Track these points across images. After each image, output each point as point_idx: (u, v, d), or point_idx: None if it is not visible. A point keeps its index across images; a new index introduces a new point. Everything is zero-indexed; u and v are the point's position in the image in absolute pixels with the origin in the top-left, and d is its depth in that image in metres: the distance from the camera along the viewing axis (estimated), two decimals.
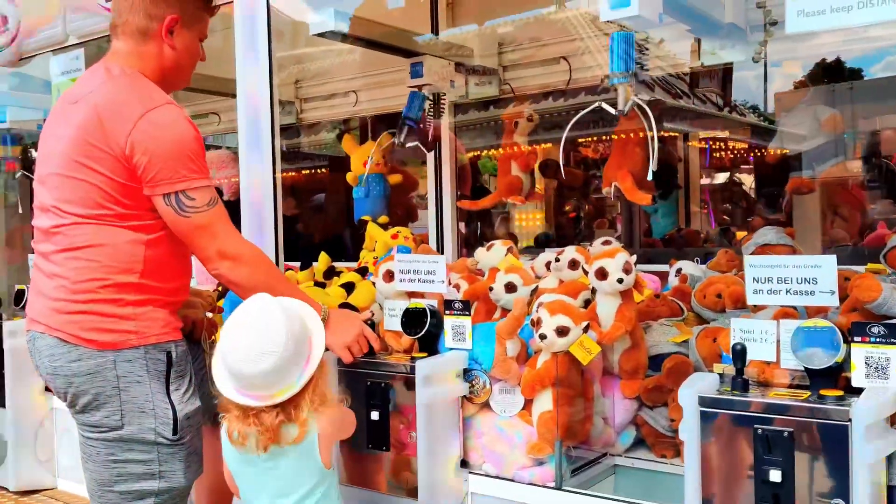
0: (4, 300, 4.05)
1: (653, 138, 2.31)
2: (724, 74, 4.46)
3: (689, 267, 3.16)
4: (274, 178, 2.89)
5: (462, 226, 5.72)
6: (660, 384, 2.52)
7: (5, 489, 3.80)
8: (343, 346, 2.32)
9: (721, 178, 8.14)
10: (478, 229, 6.21)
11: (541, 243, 6.01)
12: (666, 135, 6.34)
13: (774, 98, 4.63)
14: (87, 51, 3.63)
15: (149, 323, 2.13)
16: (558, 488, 2.35)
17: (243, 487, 2.04)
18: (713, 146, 7.39)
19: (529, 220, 8.20)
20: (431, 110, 3.99)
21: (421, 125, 3.92)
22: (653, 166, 2.34)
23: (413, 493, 2.36)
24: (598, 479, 2.55)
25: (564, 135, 2.53)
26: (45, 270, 2.18)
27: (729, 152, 7.56)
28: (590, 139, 6.25)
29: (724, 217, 7.71)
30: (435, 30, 4.02)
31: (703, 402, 1.89)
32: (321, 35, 3.44)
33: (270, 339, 1.88)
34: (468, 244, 4.73)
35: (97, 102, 2.10)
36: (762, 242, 2.86)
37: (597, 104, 2.38)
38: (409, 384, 2.37)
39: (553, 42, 4.31)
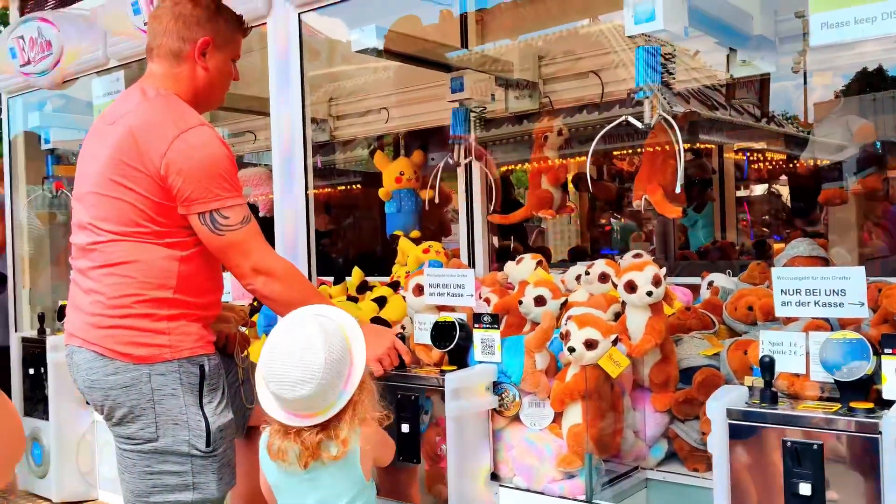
0: (48, 315, 4.16)
1: (679, 151, 2.31)
2: (761, 85, 4.43)
3: (721, 279, 3.14)
4: (307, 196, 2.95)
5: (496, 239, 5.75)
6: (690, 397, 2.51)
7: (49, 500, 3.89)
8: (374, 359, 2.35)
9: (759, 189, 8.05)
10: (511, 243, 6.23)
11: (575, 256, 6.01)
12: (701, 147, 6.30)
13: (814, 108, 4.60)
14: (127, 73, 3.74)
15: (182, 337, 2.18)
16: (589, 502, 2.35)
17: (283, 499, 2.06)
18: (751, 157, 7.31)
19: (565, 233, 8.20)
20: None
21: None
22: (680, 180, 2.34)
23: None
24: (630, 492, 2.53)
25: (591, 148, 2.54)
26: (82, 286, 2.24)
27: (767, 163, 7.48)
28: (625, 152, 6.24)
29: (764, 229, 7.63)
30: (465, 45, 4.06)
31: (731, 414, 1.89)
32: (363, 51, 3.50)
33: (308, 366, 1.86)
34: (503, 258, 4.76)
35: (132, 123, 2.16)
36: (794, 254, 2.84)
37: (623, 118, 2.39)
38: (440, 397, 2.39)
39: (588, 55, 4.33)
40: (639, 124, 2.33)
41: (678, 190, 2.49)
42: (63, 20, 3.97)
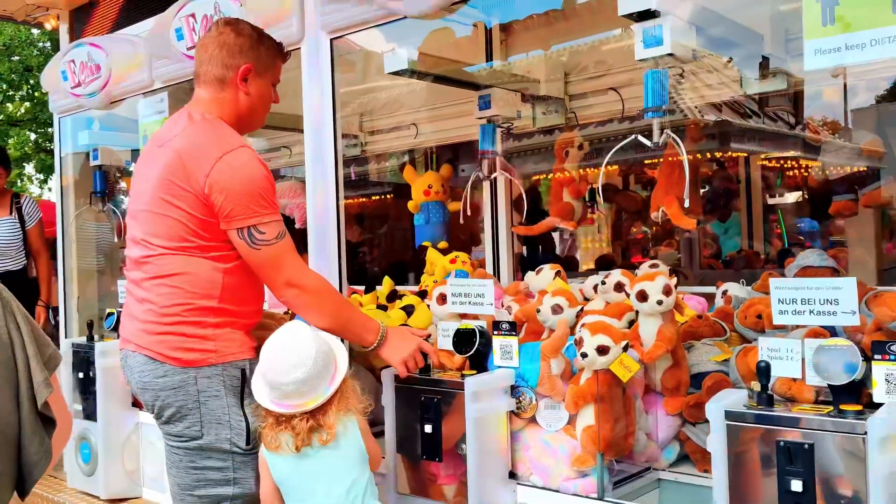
0: (96, 323, 4.41)
1: (685, 167, 2.45)
2: (795, 93, 4.50)
3: (734, 289, 3.26)
4: (338, 207, 3.14)
5: (525, 249, 5.88)
6: (700, 402, 2.62)
7: (97, 497, 4.12)
8: (400, 362, 2.52)
9: (792, 198, 8.07)
10: (538, 253, 6.36)
11: (602, 266, 6.13)
12: (727, 156, 6.38)
13: (851, 115, 4.65)
14: (170, 94, 3.97)
15: (227, 343, 2.37)
16: (600, 499, 2.49)
17: (296, 489, 2.27)
18: (785, 165, 7.35)
19: (594, 242, 8.30)
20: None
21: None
22: (684, 194, 2.48)
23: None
24: (642, 491, 2.67)
25: (605, 162, 2.70)
26: (135, 296, 2.44)
27: (802, 171, 7.51)
28: (657, 160, 6.34)
29: (800, 237, 7.65)
30: (489, 58, 4.22)
31: (729, 415, 2.02)
32: (396, 73, 3.67)
33: (301, 353, 2.18)
34: (531, 267, 4.90)
35: (180, 146, 2.35)
36: (804, 265, 2.95)
37: (633, 136, 2.54)
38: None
39: (613, 72, 4.44)
40: (648, 143, 2.48)
41: (686, 204, 2.62)
42: (111, 44, 4.22)
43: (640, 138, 2.49)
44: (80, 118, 4.80)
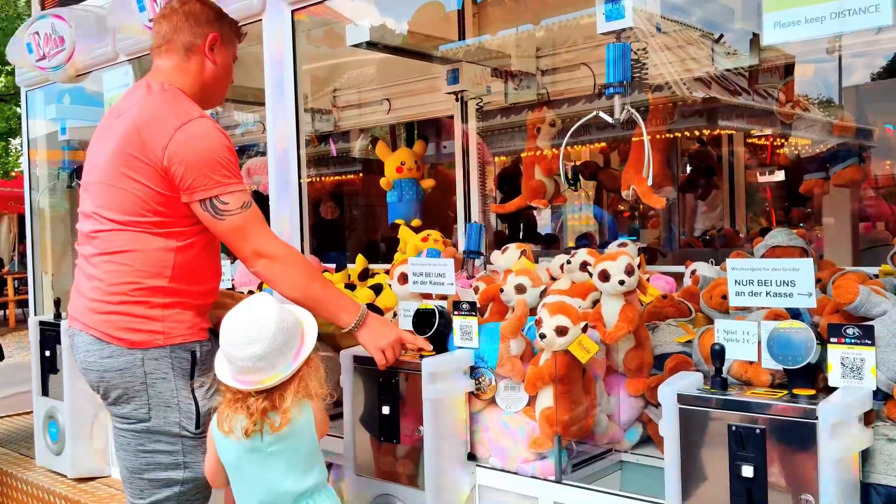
0: (64, 300, 4.34)
1: (647, 146, 2.38)
2: (786, 70, 4.43)
3: (703, 268, 3.20)
4: (300, 185, 3.07)
5: (507, 228, 5.81)
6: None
7: (64, 476, 4.08)
8: (378, 349, 2.42)
9: (780, 176, 8.02)
10: (520, 230, 6.29)
11: (582, 244, 6.07)
12: (713, 134, 6.30)
13: (844, 93, 4.56)
14: (134, 66, 3.88)
15: (175, 324, 2.30)
16: (558, 482, 2.45)
17: (239, 478, 2.16)
18: (774, 143, 7.28)
19: (580, 221, 8.23)
20: None
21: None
22: (645, 172, 2.42)
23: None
24: (603, 473, 2.63)
25: (564, 142, 2.63)
26: (85, 272, 2.37)
27: (793, 149, 7.45)
28: (640, 138, 6.27)
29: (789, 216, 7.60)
30: (462, 37, 4.14)
31: (682, 399, 1.98)
32: (356, 46, 3.60)
33: (260, 326, 2.04)
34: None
35: (137, 117, 2.28)
36: (773, 244, 2.89)
37: (594, 113, 2.47)
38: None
39: (586, 46, 4.37)
40: (609, 119, 2.41)
41: (650, 182, 2.56)
42: (75, 17, 4.12)
43: (602, 115, 2.42)
44: (52, 91, 4.72)
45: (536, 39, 4.46)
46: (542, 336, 2.43)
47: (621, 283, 2.53)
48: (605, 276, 2.56)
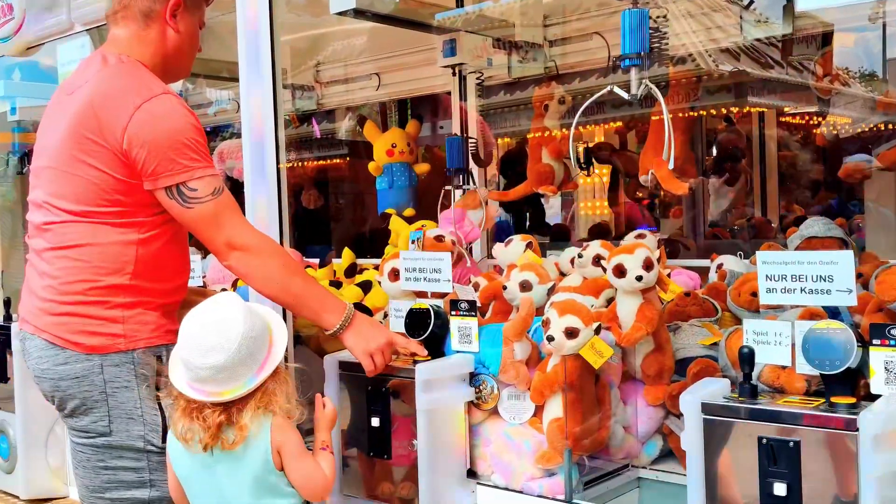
0: (15, 300, 4.33)
1: (667, 125, 2.38)
2: (824, 40, 4.41)
3: (730, 262, 3.20)
4: (278, 170, 3.05)
5: (510, 217, 5.81)
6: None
7: (16, 497, 4.07)
8: (366, 353, 2.39)
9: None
10: (525, 220, 6.29)
11: (597, 235, 6.07)
12: (737, 112, 6.28)
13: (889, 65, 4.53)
14: (93, 37, 3.86)
15: (138, 326, 2.28)
16: (568, 501, 2.45)
17: (192, 492, 2.13)
18: (811, 122, 7.26)
19: (594, 208, 8.22)
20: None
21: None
22: (665, 155, 2.41)
23: None
24: (619, 492, 2.64)
25: (575, 121, 2.62)
26: (36, 268, 2.34)
27: (832, 128, 7.42)
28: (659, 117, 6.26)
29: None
30: (461, 4, 4.12)
31: (706, 408, 1.98)
32: (342, 14, 3.57)
33: (223, 335, 1.97)
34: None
35: (92, 93, 2.24)
36: (809, 235, 2.89)
37: (608, 88, 2.47)
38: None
39: (601, 14, 4.35)
40: (625, 95, 2.40)
41: (671, 166, 2.55)
42: None
43: (617, 90, 2.42)
44: None
45: (544, 6, 4.43)
46: (550, 339, 2.43)
47: (639, 278, 2.53)
48: (620, 271, 2.56)
